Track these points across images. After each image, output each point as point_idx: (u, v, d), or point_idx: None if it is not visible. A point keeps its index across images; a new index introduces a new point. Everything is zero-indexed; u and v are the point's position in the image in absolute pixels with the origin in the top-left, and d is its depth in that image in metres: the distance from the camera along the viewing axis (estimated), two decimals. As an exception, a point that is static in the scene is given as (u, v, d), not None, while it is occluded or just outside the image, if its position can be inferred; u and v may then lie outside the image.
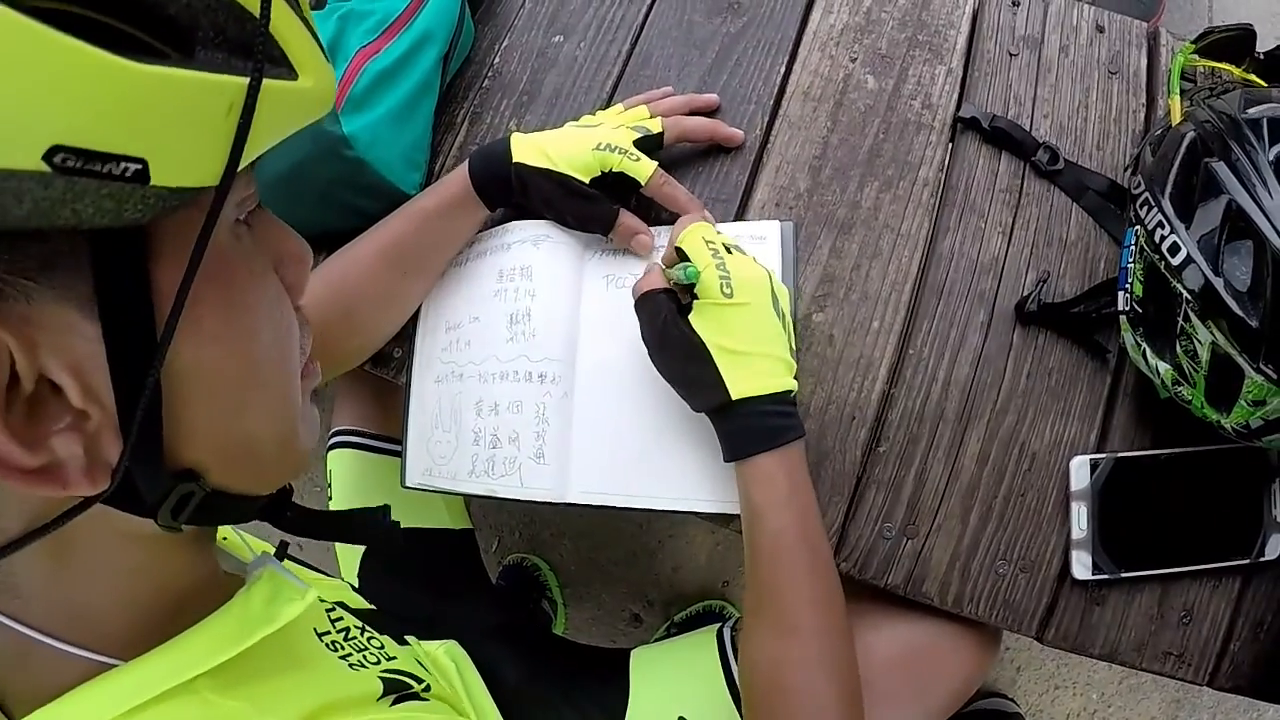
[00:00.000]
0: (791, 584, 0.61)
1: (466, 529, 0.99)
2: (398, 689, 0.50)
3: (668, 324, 0.63)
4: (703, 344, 0.62)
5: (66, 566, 0.36)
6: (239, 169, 0.30)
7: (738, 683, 0.75)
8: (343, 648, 0.51)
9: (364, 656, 0.52)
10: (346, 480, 0.94)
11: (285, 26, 0.31)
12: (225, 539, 0.54)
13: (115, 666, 0.37)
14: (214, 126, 0.29)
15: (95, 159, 0.25)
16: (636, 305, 0.66)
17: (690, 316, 0.63)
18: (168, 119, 0.27)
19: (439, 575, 0.93)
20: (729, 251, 0.64)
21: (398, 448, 0.80)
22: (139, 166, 0.27)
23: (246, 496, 0.41)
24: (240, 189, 0.34)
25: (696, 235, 0.65)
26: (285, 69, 0.31)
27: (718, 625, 0.82)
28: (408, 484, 0.78)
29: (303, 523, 0.48)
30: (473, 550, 0.99)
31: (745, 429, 0.62)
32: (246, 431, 0.39)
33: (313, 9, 0.77)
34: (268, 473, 0.42)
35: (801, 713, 0.58)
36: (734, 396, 0.61)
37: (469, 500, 1.03)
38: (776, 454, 0.62)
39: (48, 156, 0.24)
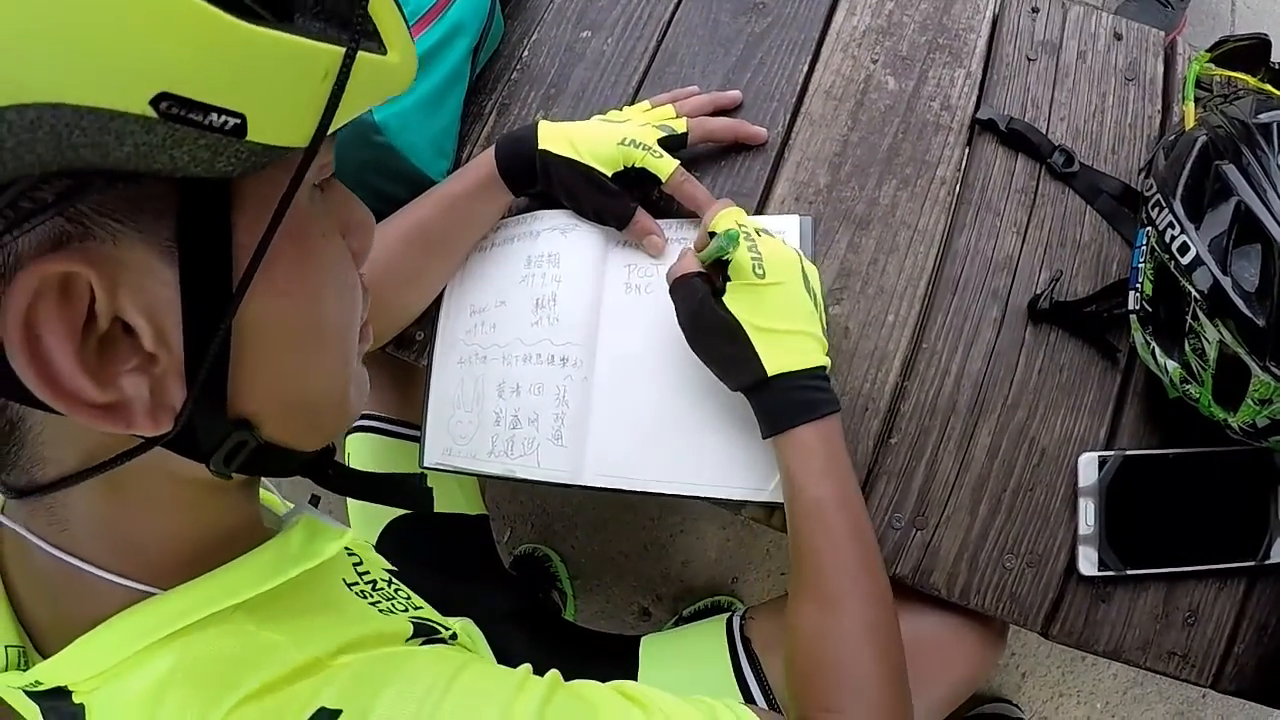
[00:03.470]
0: (832, 553, 0.62)
1: (481, 514, 1.00)
2: (427, 632, 0.52)
3: (703, 305, 0.64)
4: (738, 323, 0.63)
5: (117, 502, 0.38)
6: (328, 133, 0.32)
7: (745, 672, 0.76)
8: (371, 595, 0.53)
9: (392, 604, 0.53)
10: (365, 463, 0.95)
11: (380, 5, 0.33)
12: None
13: (155, 595, 0.38)
14: (310, 90, 0.31)
15: (198, 109, 0.27)
16: (672, 290, 0.67)
17: (724, 298, 0.64)
18: (269, 78, 0.29)
19: (453, 558, 0.94)
20: (759, 235, 0.66)
21: (416, 433, 0.81)
22: (238, 121, 0.28)
23: (293, 450, 0.42)
24: (323, 154, 0.35)
25: (729, 219, 0.67)
26: (376, 44, 0.33)
27: (727, 615, 0.83)
28: (426, 463, 0.79)
29: (342, 481, 0.49)
30: (487, 536, 1.01)
31: (783, 403, 0.64)
32: (304, 387, 0.40)
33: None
34: (317, 429, 0.44)
35: (845, 685, 0.59)
36: (770, 373, 0.62)
37: (484, 487, 1.04)
38: (814, 425, 0.63)
39: (154, 102, 0.26)
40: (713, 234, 0.67)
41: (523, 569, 1.51)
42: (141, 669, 0.37)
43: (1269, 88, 0.73)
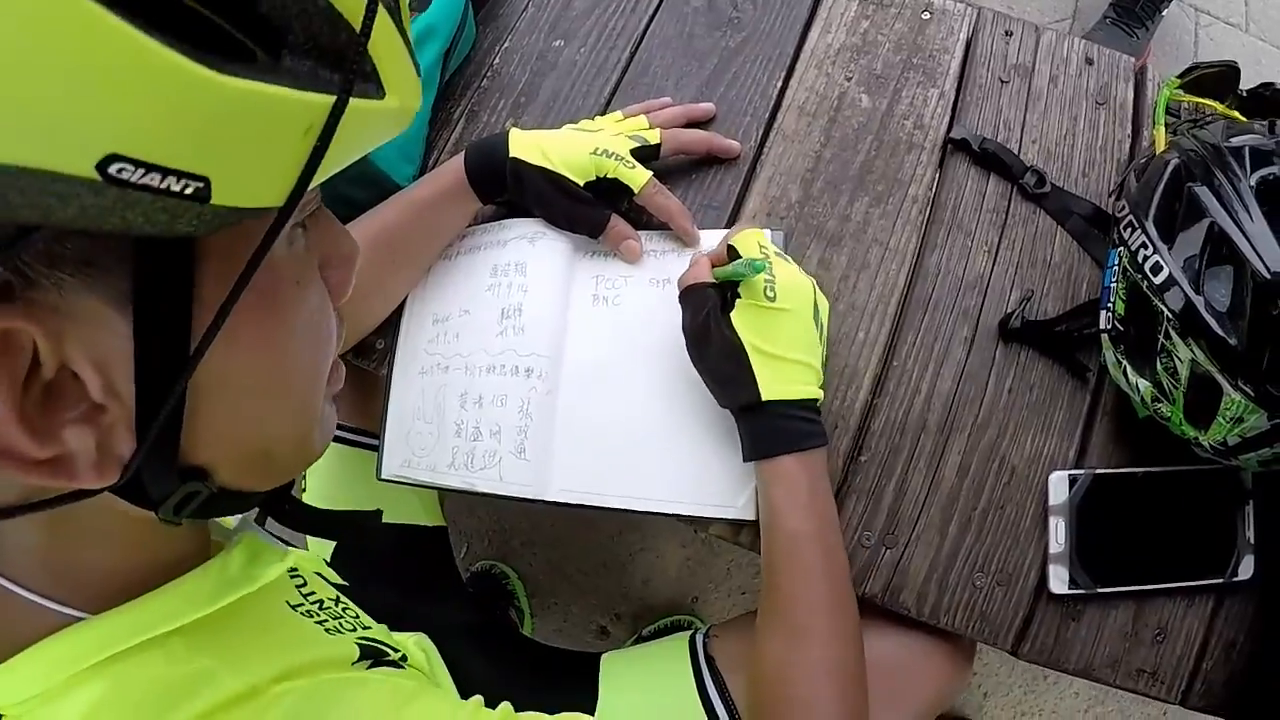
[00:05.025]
0: (804, 589, 0.61)
1: (440, 526, 0.98)
2: (375, 655, 0.50)
3: (710, 319, 0.64)
4: (741, 343, 0.63)
5: (58, 533, 0.36)
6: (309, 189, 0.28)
7: (709, 691, 0.74)
8: (318, 615, 0.51)
9: (340, 624, 0.51)
10: (321, 472, 0.92)
11: (383, 41, 0.29)
12: None
13: (84, 620, 0.36)
14: (288, 147, 0.27)
15: (154, 172, 0.23)
16: (682, 296, 0.67)
17: (731, 314, 0.64)
18: (240, 137, 0.25)
19: (411, 571, 0.92)
20: (777, 258, 0.66)
21: (374, 441, 0.79)
22: (200, 185, 0.24)
23: (249, 493, 0.40)
24: (306, 195, 0.32)
25: (751, 239, 0.66)
26: (374, 86, 0.29)
27: (690, 632, 0.82)
28: (384, 475, 0.77)
29: (299, 518, 0.47)
30: (445, 548, 0.98)
31: (771, 429, 0.63)
32: (263, 436, 0.38)
33: (413, 12, 0.76)
34: (276, 473, 0.42)
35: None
36: (765, 398, 0.62)
37: (442, 499, 1.02)
38: (800, 457, 0.63)
39: (102, 165, 0.22)
40: (731, 249, 0.66)
41: (479, 586, 1.47)
42: (71, 696, 0.35)
43: (1236, 114, 0.74)
